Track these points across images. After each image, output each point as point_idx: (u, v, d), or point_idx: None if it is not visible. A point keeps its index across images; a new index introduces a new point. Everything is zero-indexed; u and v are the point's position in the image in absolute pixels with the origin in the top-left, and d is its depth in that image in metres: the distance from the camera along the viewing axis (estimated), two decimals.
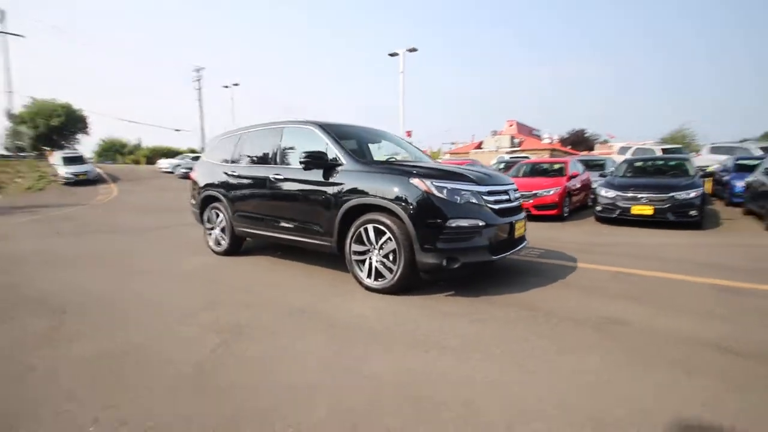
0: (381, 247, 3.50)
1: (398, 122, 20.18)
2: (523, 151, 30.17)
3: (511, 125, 39.45)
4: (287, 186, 4.27)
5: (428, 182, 3.31)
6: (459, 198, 3.33)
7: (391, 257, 3.45)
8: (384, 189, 3.45)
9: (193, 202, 5.83)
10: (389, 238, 3.42)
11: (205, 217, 5.47)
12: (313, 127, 4.25)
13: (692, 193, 6.89)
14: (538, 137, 39.26)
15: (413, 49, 19.03)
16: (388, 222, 3.41)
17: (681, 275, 4.05)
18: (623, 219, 7.45)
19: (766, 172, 7.24)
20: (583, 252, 5.25)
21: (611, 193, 7.56)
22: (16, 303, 3.48)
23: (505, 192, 3.70)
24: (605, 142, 44.81)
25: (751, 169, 10.47)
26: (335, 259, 4.76)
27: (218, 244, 5.33)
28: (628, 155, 17.86)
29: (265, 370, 2.23)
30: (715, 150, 15.74)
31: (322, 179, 3.91)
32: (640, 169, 9.00)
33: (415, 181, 3.33)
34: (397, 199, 3.35)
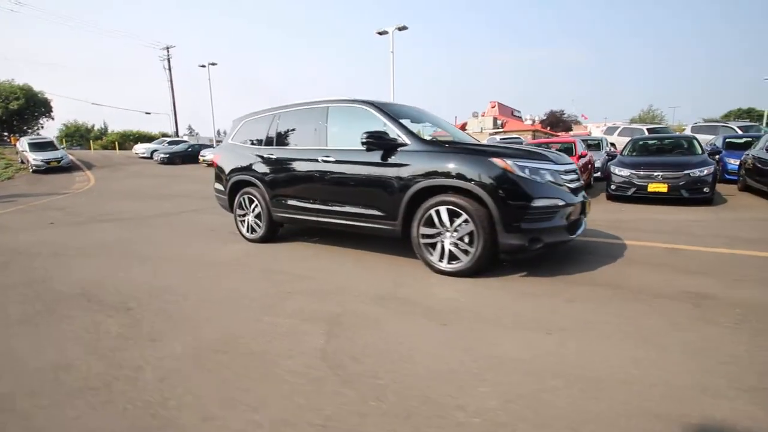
0: (455, 230, 3.41)
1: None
2: (512, 132, 30.46)
3: (493, 106, 39.70)
4: (339, 168, 4.08)
5: (510, 161, 3.23)
6: (540, 177, 3.27)
7: (466, 239, 3.38)
8: (461, 169, 3.33)
9: (219, 187, 5.53)
10: (465, 220, 3.33)
11: (236, 204, 5.20)
12: (367, 106, 4.05)
13: (705, 170, 7.13)
14: (520, 118, 39.74)
15: (403, 27, 18.60)
16: (464, 203, 3.32)
17: (726, 249, 4.19)
18: (635, 197, 7.65)
19: (767, 150, 7.56)
20: (616, 229, 5.35)
21: (625, 172, 7.73)
22: (58, 299, 3.19)
23: (574, 170, 3.67)
24: (578, 122, 46.00)
25: (740, 146, 10.97)
26: (380, 243, 4.66)
27: (253, 230, 5.09)
28: (615, 135, 18.38)
29: (401, 358, 2.13)
30: (697, 129, 16.36)
31: (382, 161, 3.76)
32: (645, 147, 9.24)
33: (497, 160, 3.24)
34: (478, 180, 3.26)
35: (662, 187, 7.26)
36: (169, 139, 26.30)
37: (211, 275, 3.75)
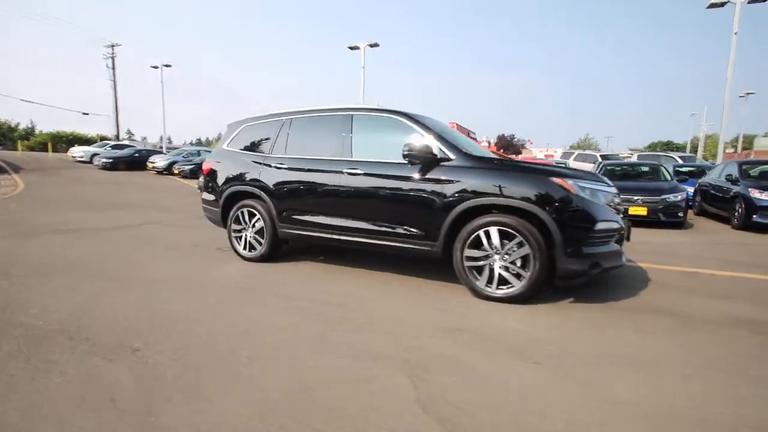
0: (507, 252, 3.17)
1: None
2: None
3: (453, 127, 40.81)
4: (369, 182, 3.71)
5: (570, 182, 3.07)
6: (598, 199, 3.15)
7: (519, 263, 3.15)
8: (519, 189, 3.12)
9: (210, 198, 4.89)
10: (520, 243, 3.11)
11: (231, 218, 4.60)
12: (401, 116, 3.75)
13: (679, 196, 7.62)
14: (476, 140, 41.34)
15: (375, 44, 18.67)
16: (518, 225, 3.10)
17: (734, 272, 4.35)
18: None
19: (728, 179, 8.27)
20: None
21: None
22: (30, 337, 2.47)
23: (617, 194, 3.62)
24: (525, 147, 48.94)
25: (686, 174, 12.01)
26: (396, 263, 4.31)
27: (251, 248, 4.51)
28: (571, 159, 19.60)
29: (517, 408, 1.80)
30: (642, 158, 17.89)
31: (422, 175, 3.46)
32: (613, 172, 9.77)
33: (557, 180, 3.07)
34: (537, 200, 3.06)
35: (642, 211, 7.63)
36: (112, 143, 24.00)
37: (223, 302, 3.18)
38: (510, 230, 3.14)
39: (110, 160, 20.41)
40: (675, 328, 2.81)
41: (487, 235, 3.22)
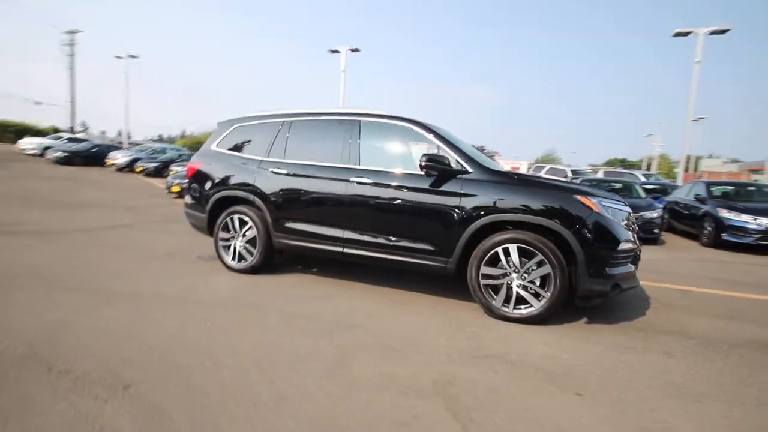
0: (527, 271, 3.06)
1: None
2: None
3: None
4: (379, 192, 3.50)
5: (594, 200, 3.01)
6: (618, 218, 3.10)
7: (537, 282, 3.04)
8: (542, 206, 3.02)
9: (194, 202, 4.50)
10: (540, 261, 3.00)
11: (219, 225, 4.23)
12: (414, 125, 3.58)
13: (655, 213, 7.91)
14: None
15: (356, 49, 18.50)
16: (538, 243, 3.00)
17: (724, 291, 4.48)
18: None
19: (696, 198, 8.71)
20: None
21: None
22: (1, 367, 2.08)
23: (630, 213, 3.60)
24: (493, 158, 50.38)
25: (653, 192, 12.62)
26: (401, 278, 4.11)
27: (241, 258, 4.16)
28: (543, 173, 20.20)
29: None
30: (608, 174, 18.74)
31: (437, 188, 3.29)
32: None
33: (582, 198, 2.99)
34: (561, 218, 2.96)
35: None
36: (68, 136, 22.29)
37: (223, 323, 2.84)
38: (530, 248, 3.02)
39: (66, 154, 18.90)
40: (699, 349, 2.79)
41: (506, 252, 3.09)
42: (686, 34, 13.72)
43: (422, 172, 3.36)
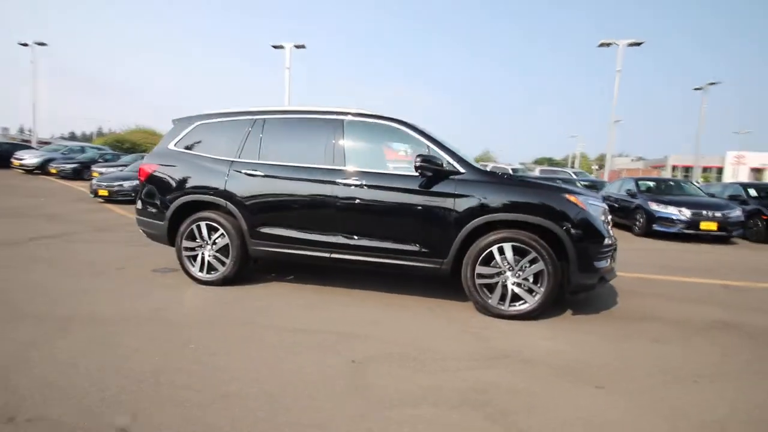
0: (521, 269, 3.12)
1: None
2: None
3: None
4: (369, 195, 3.36)
5: (581, 198, 3.14)
6: (601, 215, 3.27)
7: (531, 279, 3.12)
8: (536, 205, 3.09)
9: (149, 210, 4.01)
10: (533, 259, 3.08)
11: (183, 234, 3.80)
12: (402, 125, 3.49)
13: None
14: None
15: (301, 46, 17.94)
16: (531, 241, 3.07)
17: (677, 277, 4.97)
18: None
19: (628, 193, 9.64)
20: None
21: None
22: None
23: (606, 209, 3.80)
24: None
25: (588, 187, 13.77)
26: (382, 280, 4.01)
27: (210, 269, 3.78)
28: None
29: None
30: (544, 172, 20.16)
31: (429, 189, 3.24)
32: None
33: (570, 197, 3.11)
34: (554, 217, 3.05)
35: None
36: None
37: (212, 346, 2.53)
38: (524, 246, 3.08)
39: None
40: (684, 335, 3.02)
41: (500, 251, 3.12)
42: (608, 45, 15.14)
43: (414, 173, 3.29)
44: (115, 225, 7.49)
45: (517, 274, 3.12)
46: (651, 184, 10.36)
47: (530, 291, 3.12)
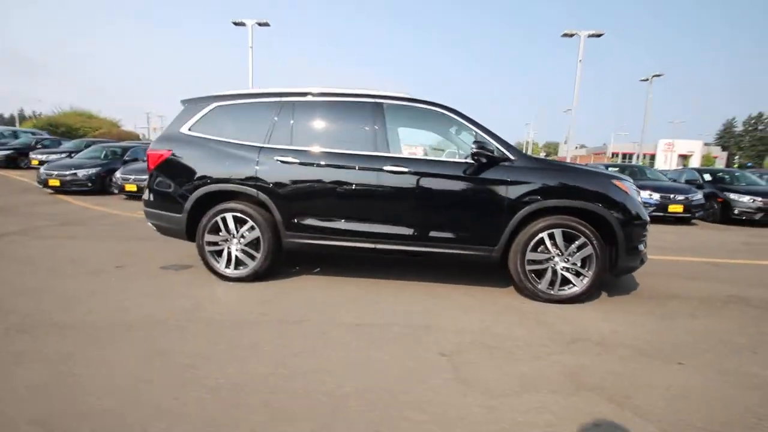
0: (570, 254, 3.20)
1: None
2: None
3: None
4: (420, 183, 3.26)
5: (627, 184, 3.26)
6: (640, 198, 3.41)
7: (579, 263, 3.21)
8: (589, 191, 3.15)
9: (164, 202, 3.64)
10: (583, 243, 3.16)
11: (206, 227, 3.49)
12: (447, 111, 3.40)
13: None
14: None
15: (265, 23, 16.95)
16: (581, 227, 3.15)
17: (668, 256, 5.37)
18: None
19: None
20: None
21: None
22: None
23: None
24: None
25: None
26: (415, 268, 3.97)
27: (238, 264, 3.52)
28: None
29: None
30: None
31: (484, 177, 3.21)
32: None
33: (618, 183, 3.21)
34: (603, 202, 3.14)
35: None
36: None
37: (283, 345, 2.35)
38: (573, 232, 3.16)
39: None
40: (713, 309, 3.26)
41: (551, 237, 3.18)
42: (571, 35, 15.81)
43: (462, 160, 3.24)
44: (82, 218, 6.77)
45: (566, 259, 3.20)
46: (616, 170, 11.10)
47: (577, 275, 3.22)
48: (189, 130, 3.65)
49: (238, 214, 3.45)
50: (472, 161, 3.20)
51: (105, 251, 4.50)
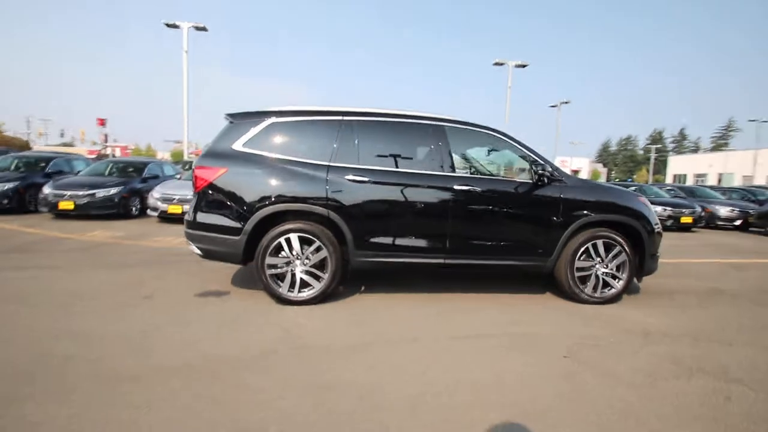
0: (609, 261, 3.71)
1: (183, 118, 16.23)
2: None
3: None
4: (484, 200, 3.52)
5: (646, 199, 3.89)
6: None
7: (615, 268, 3.74)
8: (623, 207, 3.70)
9: (219, 223, 3.37)
10: (618, 252, 3.70)
11: (267, 249, 3.32)
12: (499, 134, 3.74)
13: None
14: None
15: (202, 28, 15.95)
16: (617, 237, 3.69)
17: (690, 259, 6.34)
18: None
19: None
20: None
21: None
22: None
23: None
24: None
25: None
26: (443, 281, 4.22)
27: (303, 286, 3.40)
28: None
29: None
30: None
31: (542, 194, 3.59)
32: None
33: (641, 198, 3.83)
34: (636, 216, 3.71)
35: None
36: None
37: (413, 366, 2.40)
38: (610, 242, 3.69)
39: None
40: (716, 303, 3.96)
41: (595, 247, 3.67)
42: (502, 64, 17.63)
43: (520, 180, 3.60)
44: (27, 244, 5.78)
45: (605, 266, 3.71)
46: None
47: (614, 278, 3.74)
48: (243, 147, 3.46)
49: (305, 235, 3.35)
50: (531, 180, 3.57)
51: (107, 282, 3.95)
